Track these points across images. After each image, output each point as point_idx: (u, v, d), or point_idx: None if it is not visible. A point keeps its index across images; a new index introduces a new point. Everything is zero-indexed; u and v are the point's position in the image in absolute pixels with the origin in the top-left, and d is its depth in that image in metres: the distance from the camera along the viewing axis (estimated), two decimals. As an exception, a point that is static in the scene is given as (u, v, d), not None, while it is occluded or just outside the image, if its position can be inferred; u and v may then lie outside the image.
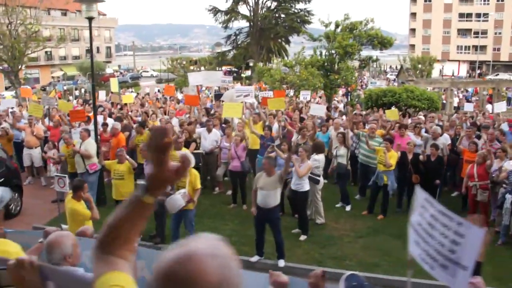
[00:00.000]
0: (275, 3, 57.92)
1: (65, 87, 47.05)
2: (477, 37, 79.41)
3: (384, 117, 15.00)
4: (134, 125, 13.12)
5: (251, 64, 50.22)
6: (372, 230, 10.57)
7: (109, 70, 67.44)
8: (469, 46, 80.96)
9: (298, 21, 57.02)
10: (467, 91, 34.64)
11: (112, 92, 25.37)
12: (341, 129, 12.93)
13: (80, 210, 7.20)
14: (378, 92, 18.59)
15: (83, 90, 48.89)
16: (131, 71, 79.20)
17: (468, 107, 21.21)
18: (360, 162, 12.43)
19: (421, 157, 11.35)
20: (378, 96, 18.33)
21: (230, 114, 12.60)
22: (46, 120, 15.87)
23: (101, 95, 27.73)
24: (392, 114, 15.19)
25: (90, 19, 11.36)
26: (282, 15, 57.75)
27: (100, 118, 15.75)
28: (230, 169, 11.79)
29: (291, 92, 23.76)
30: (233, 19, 56.75)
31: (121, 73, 73.76)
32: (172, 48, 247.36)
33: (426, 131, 13.55)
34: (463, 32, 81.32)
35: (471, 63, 79.83)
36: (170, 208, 8.41)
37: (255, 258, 8.75)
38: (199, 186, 8.90)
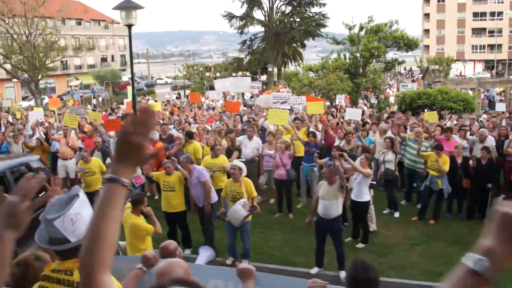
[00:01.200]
0: (289, 8, 57.73)
1: (80, 96, 47.18)
2: (492, 36, 78.74)
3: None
4: (178, 135, 12.85)
5: (270, 69, 50.06)
6: (427, 237, 10.26)
7: (125, 78, 67.63)
8: (484, 45, 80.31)
9: (314, 25, 56.81)
10: (487, 90, 34.17)
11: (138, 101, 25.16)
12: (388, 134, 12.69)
13: (142, 225, 6.97)
14: (412, 95, 18.28)
15: (100, 99, 49.01)
16: (145, 79, 79.32)
17: (500, 107, 20.82)
18: (406, 167, 12.14)
19: (470, 162, 11.08)
20: (413, 99, 18.01)
21: (276, 121, 12.35)
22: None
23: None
24: (432, 116, 14.90)
25: (130, 26, 11.21)
26: (297, 19, 57.52)
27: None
28: (276, 178, 11.53)
29: (318, 97, 23.50)
30: (248, 24, 56.65)
31: (135, 80, 73.92)
32: (183, 54, 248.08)
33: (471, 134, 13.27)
34: (477, 32, 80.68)
35: (487, 62, 79.20)
36: (233, 220, 8.20)
37: (315, 270, 8.47)
38: (255, 193, 8.68)
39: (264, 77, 56.84)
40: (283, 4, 57.80)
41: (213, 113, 19.22)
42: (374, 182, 10.22)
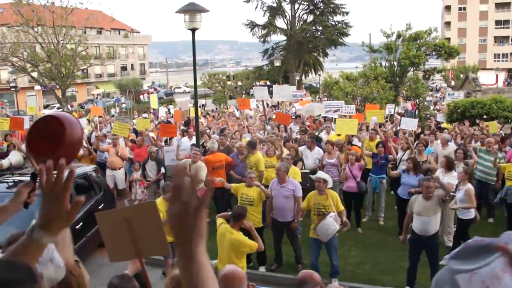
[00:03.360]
0: (312, 16, 57.42)
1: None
2: (515, 44, 78.08)
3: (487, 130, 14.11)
4: (241, 143, 12.33)
5: (297, 78, 49.64)
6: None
7: (145, 87, 67.66)
8: (507, 54, 79.42)
9: (336, 33, 56.42)
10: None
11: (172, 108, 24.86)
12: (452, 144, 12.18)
13: (246, 241, 6.50)
14: (465, 104, 17.71)
15: (123, 106, 48.90)
16: (163, 87, 79.45)
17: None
18: (477, 179, 11.56)
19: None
20: (466, 108, 17.44)
21: (345, 130, 11.86)
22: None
23: (161, 111, 27.35)
24: (492, 126, 14.34)
25: (194, 30, 10.79)
26: (320, 28, 57.12)
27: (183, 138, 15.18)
28: (345, 190, 11.01)
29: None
30: (271, 33, 56.35)
31: (155, 89, 73.89)
32: (197, 64, 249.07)
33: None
34: (500, 40, 79.83)
35: (509, 71, 78.24)
36: (323, 235, 7.71)
37: (407, 290, 7.96)
38: (342, 207, 8.17)
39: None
40: (305, 13, 57.50)
41: (252, 122, 18.78)
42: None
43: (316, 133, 14.81)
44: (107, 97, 60.92)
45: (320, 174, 8.41)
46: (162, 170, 11.84)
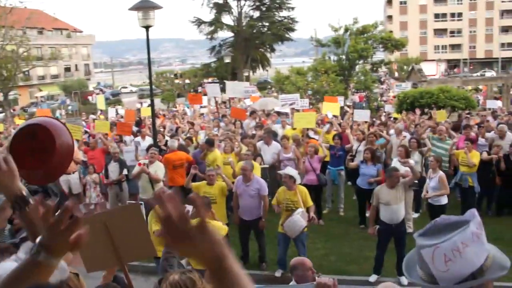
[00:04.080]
0: (258, 12, 57.46)
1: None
2: (453, 36, 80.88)
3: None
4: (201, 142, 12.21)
5: (246, 74, 49.61)
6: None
7: (90, 88, 66.11)
8: (446, 46, 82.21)
9: (283, 29, 56.73)
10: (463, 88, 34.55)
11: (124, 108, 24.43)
12: (405, 134, 12.47)
13: (220, 225, 6.51)
14: (415, 94, 18.20)
15: (69, 108, 47.62)
16: (109, 88, 77.83)
17: (492, 105, 20.88)
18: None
19: (494, 157, 10.97)
20: (415, 98, 17.91)
21: (304, 124, 11.92)
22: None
23: (111, 112, 26.80)
24: (441, 115, 14.80)
25: (147, 28, 10.60)
26: (266, 24, 57.26)
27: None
28: (305, 183, 11.05)
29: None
30: (218, 29, 56.04)
31: (101, 90, 72.29)
32: (141, 63, 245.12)
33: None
34: (439, 32, 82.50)
35: (449, 62, 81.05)
36: (291, 232, 7.73)
37: (373, 277, 8.09)
38: (311, 203, 8.21)
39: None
40: (251, 9, 57.47)
41: (207, 120, 18.66)
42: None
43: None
44: (51, 99, 59.14)
45: (287, 170, 8.43)
46: (125, 171, 11.58)
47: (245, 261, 8.99)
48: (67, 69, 69.30)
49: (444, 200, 9.14)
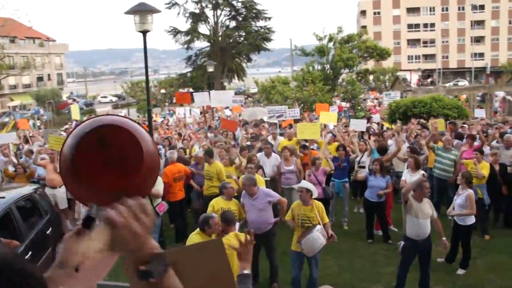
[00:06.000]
0: (234, 22, 57.26)
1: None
2: (426, 46, 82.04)
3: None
4: (199, 155, 11.65)
5: (226, 84, 49.20)
6: (487, 251, 9.61)
7: (64, 98, 64.77)
8: (419, 56, 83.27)
9: (259, 38, 56.58)
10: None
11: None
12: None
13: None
14: (407, 103, 17.97)
15: (44, 118, 46.34)
16: (82, 98, 76.46)
17: (480, 114, 20.85)
18: (436, 177, 11.54)
19: (509, 168, 10.69)
20: (408, 108, 17.70)
21: (307, 135, 11.47)
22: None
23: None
24: (440, 124, 14.54)
25: (145, 33, 10.04)
26: (243, 34, 57.06)
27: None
28: (311, 197, 10.61)
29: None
30: (194, 39, 55.59)
31: (74, 99, 70.88)
32: (113, 73, 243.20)
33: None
34: (412, 43, 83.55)
35: (423, 71, 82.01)
36: (309, 250, 7.20)
37: (395, 298, 7.65)
38: (327, 219, 7.72)
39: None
40: (228, 19, 57.27)
41: (195, 130, 18.11)
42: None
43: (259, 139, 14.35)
44: (24, 109, 57.67)
45: (303, 183, 7.92)
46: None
47: (255, 281, 8.44)
48: (40, 79, 67.81)
49: (471, 221, 8.56)
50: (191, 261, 2.54)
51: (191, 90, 56.71)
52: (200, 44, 58.96)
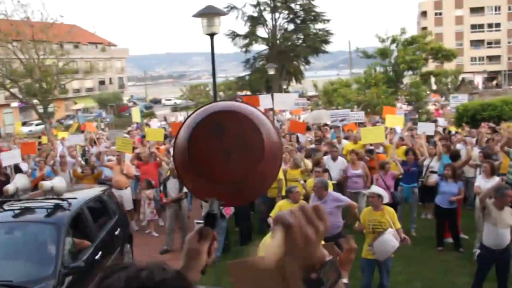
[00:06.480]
0: (292, 25, 57.02)
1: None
2: (490, 47, 79.12)
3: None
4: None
5: (284, 87, 49.13)
6: None
7: (125, 101, 66.51)
8: (483, 57, 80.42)
9: (318, 41, 56.09)
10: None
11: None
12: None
13: None
14: (476, 107, 17.32)
15: (107, 121, 47.70)
16: (142, 101, 78.30)
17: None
18: (511, 184, 11.01)
19: None
20: (476, 111, 17.05)
21: (372, 139, 11.23)
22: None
23: (154, 124, 26.50)
24: (512, 128, 13.89)
25: (212, 35, 10.05)
26: (301, 36, 56.74)
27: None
28: (378, 201, 10.34)
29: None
30: (253, 42, 55.77)
31: (134, 102, 72.65)
32: (171, 76, 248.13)
33: None
34: (476, 44, 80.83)
35: (487, 73, 79.20)
36: (380, 253, 6.99)
37: (471, 310, 7.30)
38: (399, 225, 7.48)
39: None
40: (286, 22, 57.07)
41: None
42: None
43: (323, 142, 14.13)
44: (87, 112, 59.56)
45: (374, 188, 7.71)
46: (184, 189, 10.96)
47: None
48: (102, 82, 69.92)
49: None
50: (250, 275, 2.41)
51: (248, 93, 57.01)
52: (258, 47, 59.12)
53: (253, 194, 1.57)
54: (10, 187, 10.30)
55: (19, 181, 10.70)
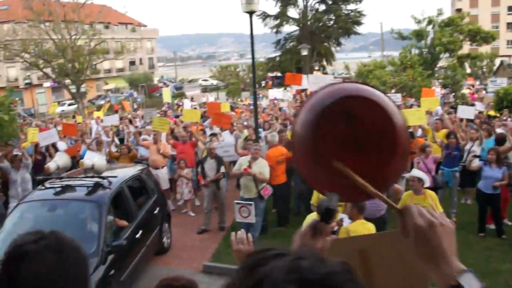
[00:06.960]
0: (324, 5, 56.30)
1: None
2: (528, 30, 76.99)
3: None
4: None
5: (316, 68, 48.70)
6: None
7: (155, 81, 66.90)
8: (520, 41, 78.35)
9: (350, 22, 55.32)
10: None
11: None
12: None
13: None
14: (517, 91, 16.87)
15: (138, 101, 48.05)
16: (171, 81, 78.61)
17: None
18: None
19: None
20: (517, 96, 16.60)
21: (412, 121, 10.98)
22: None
23: (186, 104, 26.51)
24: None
25: (251, 13, 9.94)
26: (333, 17, 56.03)
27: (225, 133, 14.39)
28: (419, 185, 10.15)
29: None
30: (284, 23, 55.30)
31: (164, 83, 72.99)
32: (200, 57, 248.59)
33: None
34: (513, 26, 78.70)
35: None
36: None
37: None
38: (441, 209, 7.32)
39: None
40: (317, 2, 56.37)
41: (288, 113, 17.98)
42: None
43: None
44: (118, 92, 60.11)
45: (415, 172, 7.55)
46: (222, 169, 10.92)
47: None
48: (132, 63, 70.36)
49: None
50: (388, 250, 2.30)
51: (278, 74, 56.74)
52: (289, 28, 58.58)
53: (379, 191, 1.45)
54: (51, 165, 10.40)
55: (60, 159, 10.79)
